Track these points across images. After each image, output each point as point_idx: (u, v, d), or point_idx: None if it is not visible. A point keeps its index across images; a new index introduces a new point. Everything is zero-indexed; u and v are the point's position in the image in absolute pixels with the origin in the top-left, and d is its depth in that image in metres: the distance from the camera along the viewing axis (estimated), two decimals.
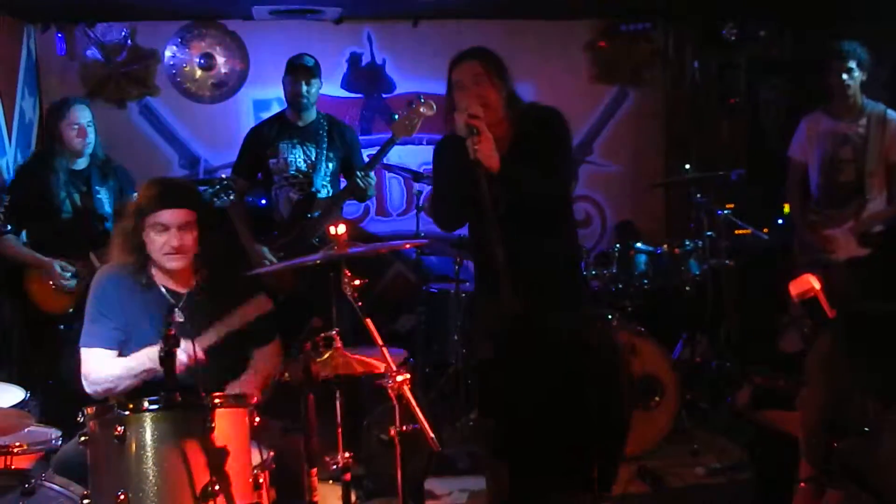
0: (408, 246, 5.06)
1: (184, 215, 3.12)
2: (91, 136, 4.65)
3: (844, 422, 1.56)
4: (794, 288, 2.32)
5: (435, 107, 4.64)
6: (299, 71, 4.88)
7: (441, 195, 3.65)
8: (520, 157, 3.36)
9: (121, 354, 3.15)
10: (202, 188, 4.49)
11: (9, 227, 4.56)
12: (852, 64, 4.78)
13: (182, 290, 3.22)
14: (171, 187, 3.25)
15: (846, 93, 4.83)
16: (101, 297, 3.20)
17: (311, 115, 4.99)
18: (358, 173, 4.71)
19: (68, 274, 4.53)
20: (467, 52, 3.51)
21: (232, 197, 4.56)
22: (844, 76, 4.79)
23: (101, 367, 3.11)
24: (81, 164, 4.68)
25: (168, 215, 3.11)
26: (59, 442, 3.03)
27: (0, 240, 4.57)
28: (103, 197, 4.68)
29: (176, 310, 3.13)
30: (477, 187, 3.21)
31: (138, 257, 3.17)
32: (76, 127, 4.59)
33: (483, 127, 3.25)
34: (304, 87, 4.87)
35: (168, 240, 3.10)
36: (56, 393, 4.49)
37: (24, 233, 4.75)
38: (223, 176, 4.76)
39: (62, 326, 4.57)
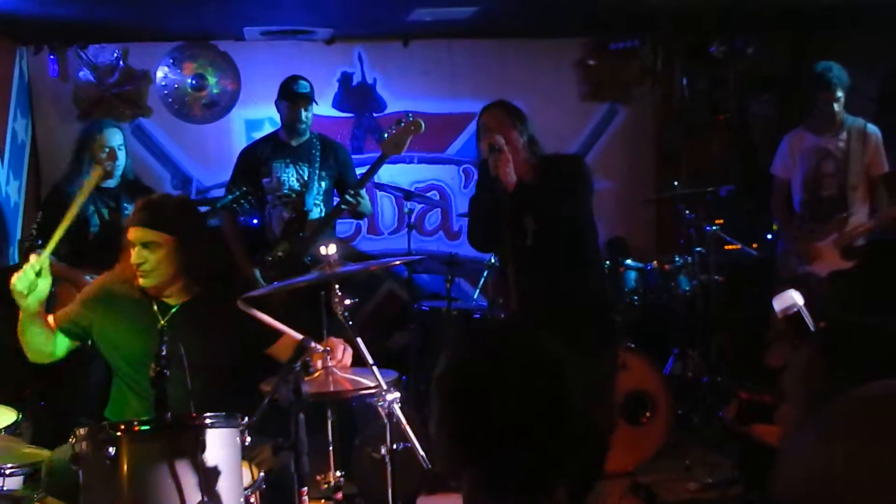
0: (398, 263, 5.07)
1: (143, 234, 3.14)
2: (121, 159, 4.78)
3: None
4: (778, 303, 2.34)
5: (424, 125, 4.66)
6: (299, 99, 4.91)
7: (474, 221, 4.05)
8: (545, 190, 3.73)
9: (91, 350, 3.29)
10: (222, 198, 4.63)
11: (39, 242, 4.66)
12: (840, 93, 4.86)
13: (172, 304, 3.25)
14: (144, 205, 3.25)
15: (834, 118, 4.92)
16: (88, 298, 3.30)
17: (305, 134, 5.02)
18: (348, 192, 4.74)
19: None
20: (494, 103, 4.00)
21: (248, 208, 4.67)
22: (836, 107, 4.88)
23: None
24: (111, 183, 4.81)
25: (131, 233, 3.17)
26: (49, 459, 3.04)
27: (32, 254, 4.66)
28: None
29: (161, 322, 3.18)
30: (496, 203, 3.59)
31: (132, 270, 3.21)
32: (107, 150, 4.72)
33: (504, 147, 3.68)
34: (303, 114, 4.92)
35: (132, 257, 3.16)
36: (48, 414, 4.49)
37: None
38: (245, 189, 4.80)
39: None
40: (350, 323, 2.96)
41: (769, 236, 5.84)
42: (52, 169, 5.96)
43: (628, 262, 5.43)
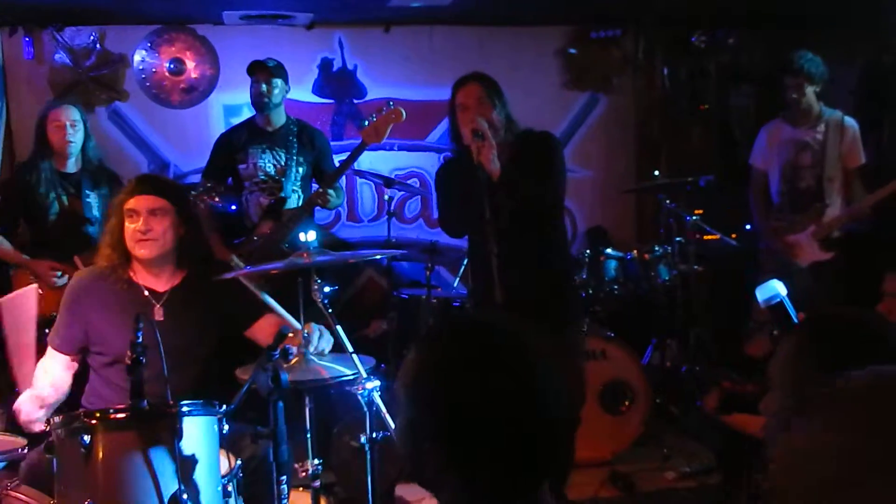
0: (378, 257, 5.04)
1: (152, 201, 3.17)
2: (75, 136, 4.68)
3: None
4: (761, 293, 2.34)
5: (405, 113, 4.63)
6: (259, 71, 4.89)
7: (449, 207, 3.95)
8: (519, 170, 3.64)
9: (85, 353, 3.23)
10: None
11: (2, 229, 4.65)
12: (803, 80, 4.87)
13: (162, 290, 3.23)
14: (144, 177, 3.38)
15: (800, 106, 4.93)
16: (73, 300, 3.25)
17: (281, 119, 4.98)
18: (318, 192, 4.72)
19: (59, 273, 4.53)
20: (469, 76, 3.81)
21: (218, 200, 4.61)
22: (794, 94, 4.89)
23: (46, 371, 3.21)
24: (71, 167, 4.73)
25: (136, 201, 3.17)
26: (26, 451, 3.00)
27: None
28: (92, 201, 4.71)
29: (156, 307, 3.19)
30: (477, 192, 3.44)
31: (120, 254, 3.20)
32: (57, 124, 4.65)
33: (488, 134, 3.55)
34: (264, 87, 4.87)
35: (136, 225, 3.15)
36: None
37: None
38: (207, 182, 4.71)
39: (47, 330, 4.57)
40: (329, 311, 2.94)
41: (748, 227, 5.86)
42: (27, 152, 5.87)
43: (608, 251, 5.43)
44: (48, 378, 3.20)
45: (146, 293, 3.22)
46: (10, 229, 4.74)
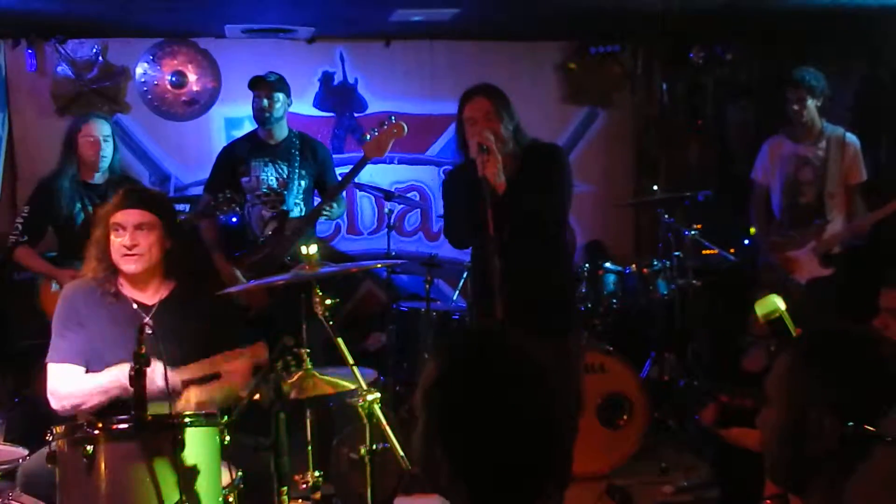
0: (379, 265, 5.06)
1: (138, 215, 3.14)
2: (106, 151, 4.77)
3: (803, 439, 1.60)
4: (760, 308, 2.36)
5: (406, 127, 4.66)
6: (260, 86, 4.91)
7: (453, 217, 3.94)
8: (524, 182, 3.64)
9: (88, 369, 3.14)
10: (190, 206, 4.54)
11: (24, 238, 4.72)
12: (805, 93, 4.90)
13: (150, 303, 3.22)
14: (131, 191, 3.32)
15: (801, 119, 4.96)
16: (68, 311, 3.21)
17: (283, 132, 5.00)
18: (321, 205, 4.74)
19: None
20: (477, 89, 3.76)
21: (238, 210, 4.63)
22: (796, 106, 4.92)
23: (68, 382, 3.10)
24: (98, 178, 4.80)
25: (122, 215, 3.15)
26: (26, 461, 3.01)
27: (16, 250, 4.72)
28: None
29: (147, 321, 3.13)
30: (480, 205, 3.44)
31: (106, 266, 3.18)
32: (91, 139, 4.73)
33: (494, 148, 3.53)
34: (266, 102, 4.88)
35: (122, 240, 3.13)
36: (22, 411, 4.46)
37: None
38: (228, 193, 4.70)
39: None
40: (331, 323, 2.96)
41: (746, 242, 5.88)
42: (29, 164, 5.90)
43: (607, 265, 5.45)
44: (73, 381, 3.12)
45: (134, 306, 3.20)
46: (38, 240, 4.80)
